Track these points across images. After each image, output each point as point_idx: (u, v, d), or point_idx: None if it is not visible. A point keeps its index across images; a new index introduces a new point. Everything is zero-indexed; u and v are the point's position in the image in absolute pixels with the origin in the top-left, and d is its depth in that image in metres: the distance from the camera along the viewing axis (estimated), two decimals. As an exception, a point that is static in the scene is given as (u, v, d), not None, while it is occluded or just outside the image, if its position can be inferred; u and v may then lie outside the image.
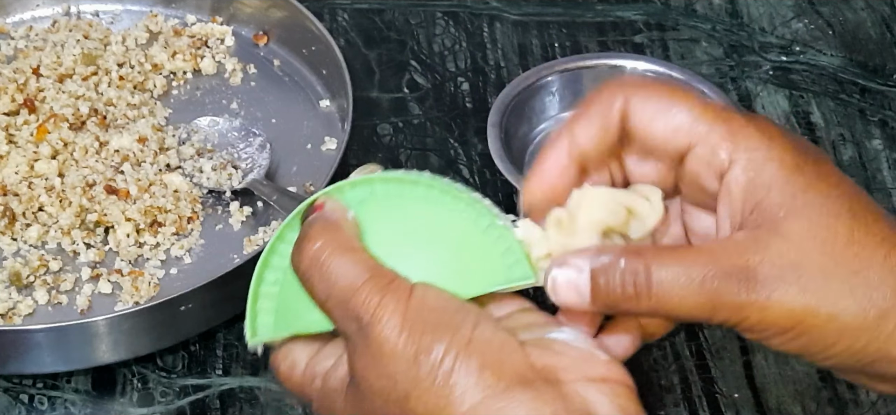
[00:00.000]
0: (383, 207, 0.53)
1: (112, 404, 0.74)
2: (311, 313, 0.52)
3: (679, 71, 0.91)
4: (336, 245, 0.51)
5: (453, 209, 0.53)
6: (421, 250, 0.53)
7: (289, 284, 0.54)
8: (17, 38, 0.95)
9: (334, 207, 0.53)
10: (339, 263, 0.50)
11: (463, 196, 0.53)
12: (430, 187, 0.53)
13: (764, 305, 0.48)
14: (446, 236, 0.53)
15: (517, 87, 0.89)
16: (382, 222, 0.53)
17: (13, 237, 0.80)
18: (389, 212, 0.53)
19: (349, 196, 0.54)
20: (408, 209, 0.53)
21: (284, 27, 0.95)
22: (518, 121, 0.89)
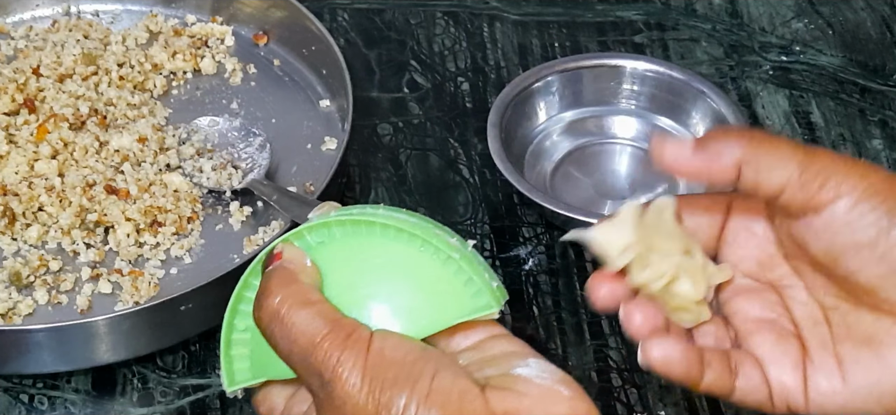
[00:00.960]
0: (342, 248, 0.54)
1: (112, 404, 0.74)
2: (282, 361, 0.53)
3: (679, 71, 0.91)
4: (294, 299, 0.52)
5: (411, 246, 0.53)
6: (382, 291, 0.53)
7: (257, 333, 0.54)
8: (17, 38, 0.95)
9: (292, 255, 0.54)
10: (298, 319, 0.51)
11: (418, 232, 0.53)
12: (386, 227, 0.53)
13: None
14: (406, 274, 0.53)
15: (517, 87, 0.89)
16: (342, 264, 0.54)
17: (13, 237, 0.80)
18: (349, 253, 0.54)
19: (307, 241, 0.54)
20: (366, 250, 0.53)
21: (284, 27, 0.95)
22: (518, 121, 0.89)
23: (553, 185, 0.88)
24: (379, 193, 0.87)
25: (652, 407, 0.74)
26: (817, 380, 0.56)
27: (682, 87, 0.90)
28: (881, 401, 0.55)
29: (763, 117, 0.94)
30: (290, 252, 0.54)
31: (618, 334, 0.78)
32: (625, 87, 0.92)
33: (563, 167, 0.89)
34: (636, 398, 0.75)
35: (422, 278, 0.53)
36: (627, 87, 0.92)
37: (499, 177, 0.87)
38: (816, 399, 0.56)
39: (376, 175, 0.88)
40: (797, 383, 0.56)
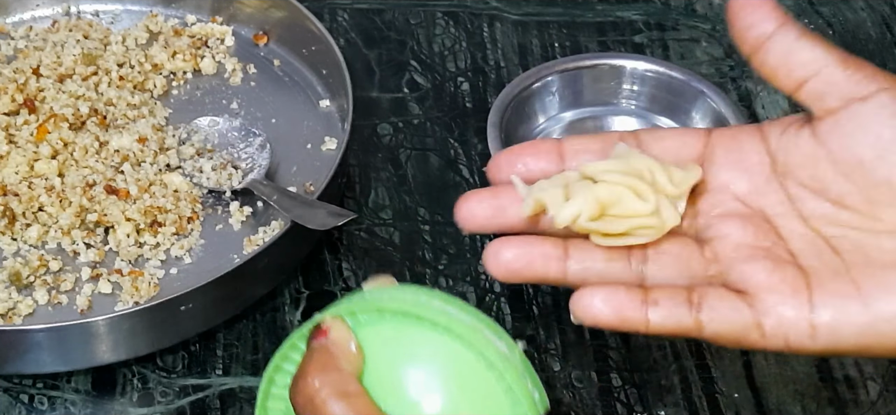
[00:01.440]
0: (389, 334, 0.53)
1: (112, 404, 0.74)
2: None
3: (679, 71, 0.91)
4: (332, 389, 0.51)
5: (458, 346, 0.52)
6: (421, 385, 0.52)
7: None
8: (17, 38, 0.95)
9: (339, 336, 0.53)
10: (332, 406, 0.50)
11: (466, 334, 0.52)
12: (435, 325, 0.52)
13: None
14: (447, 373, 0.52)
15: (517, 87, 0.89)
16: (386, 350, 0.53)
17: (13, 237, 0.80)
18: (394, 341, 0.53)
19: (358, 319, 0.53)
20: (412, 340, 0.53)
21: (284, 27, 0.95)
22: (518, 121, 0.89)
23: None
24: (379, 193, 0.87)
25: (652, 407, 0.74)
26: (827, 308, 0.50)
27: (682, 87, 0.90)
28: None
29: (763, 117, 0.94)
30: (338, 332, 0.53)
31: (618, 335, 0.78)
32: (625, 87, 0.92)
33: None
34: (636, 398, 0.75)
35: (462, 380, 0.52)
36: (627, 87, 0.92)
37: (499, 177, 0.87)
38: (828, 328, 0.50)
39: (376, 175, 0.88)
40: (801, 314, 0.51)
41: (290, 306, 0.79)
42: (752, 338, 0.51)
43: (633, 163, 0.54)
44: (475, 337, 0.52)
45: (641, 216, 0.53)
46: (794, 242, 0.53)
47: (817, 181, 0.53)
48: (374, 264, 0.82)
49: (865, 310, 0.50)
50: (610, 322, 0.51)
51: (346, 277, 0.81)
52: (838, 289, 0.51)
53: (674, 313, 0.51)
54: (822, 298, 0.51)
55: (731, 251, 0.53)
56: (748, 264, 0.52)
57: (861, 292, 0.50)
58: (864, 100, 0.51)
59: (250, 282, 0.77)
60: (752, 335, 0.51)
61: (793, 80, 0.52)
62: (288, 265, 0.80)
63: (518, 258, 0.53)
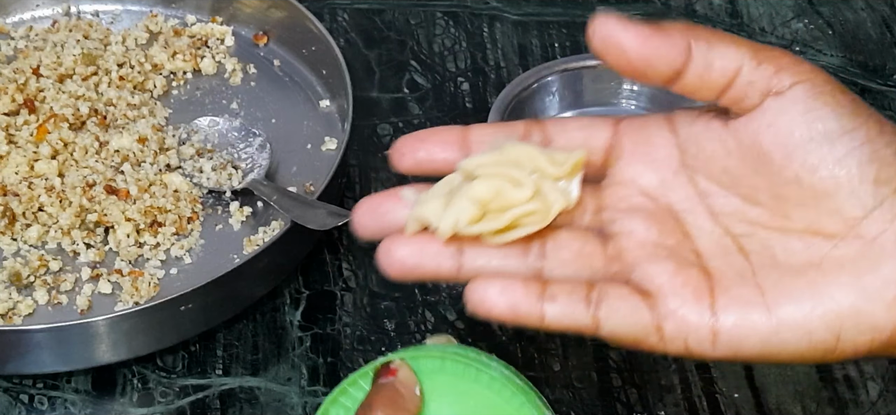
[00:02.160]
0: (450, 383, 0.56)
1: (112, 404, 0.74)
2: None
3: None
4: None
5: (511, 403, 0.55)
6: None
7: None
8: (17, 38, 0.95)
9: (405, 379, 0.55)
10: None
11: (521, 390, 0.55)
12: (493, 379, 0.55)
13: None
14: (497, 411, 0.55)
15: (517, 87, 0.89)
16: (446, 399, 0.56)
17: (13, 237, 0.80)
18: (454, 390, 0.56)
19: (422, 365, 0.56)
20: (471, 392, 0.56)
21: (284, 27, 0.95)
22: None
23: None
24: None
25: (652, 407, 0.74)
26: (730, 314, 0.49)
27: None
28: (811, 335, 0.49)
29: (763, 117, 0.94)
30: (405, 375, 0.55)
31: (618, 334, 0.78)
32: (625, 88, 0.92)
33: None
34: (636, 398, 0.75)
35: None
36: (627, 88, 0.92)
37: (499, 177, 0.87)
38: (729, 335, 0.49)
39: (376, 175, 0.88)
40: (702, 319, 0.49)
41: (290, 306, 0.79)
42: (651, 341, 0.49)
43: (509, 152, 0.52)
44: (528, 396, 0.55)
45: (521, 203, 0.51)
46: (701, 241, 0.51)
47: (728, 175, 0.51)
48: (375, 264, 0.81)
49: (769, 317, 0.49)
50: (504, 315, 0.49)
51: (346, 278, 0.81)
52: (743, 294, 0.49)
53: (571, 309, 0.49)
54: (726, 303, 0.49)
55: (635, 248, 0.51)
56: (651, 264, 0.50)
57: (766, 298, 0.49)
58: (778, 95, 0.49)
59: (250, 282, 0.77)
60: (652, 338, 0.49)
61: (714, 91, 0.50)
62: (288, 265, 0.80)
63: (411, 255, 0.52)
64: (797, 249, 0.50)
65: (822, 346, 0.49)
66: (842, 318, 0.48)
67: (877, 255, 0.48)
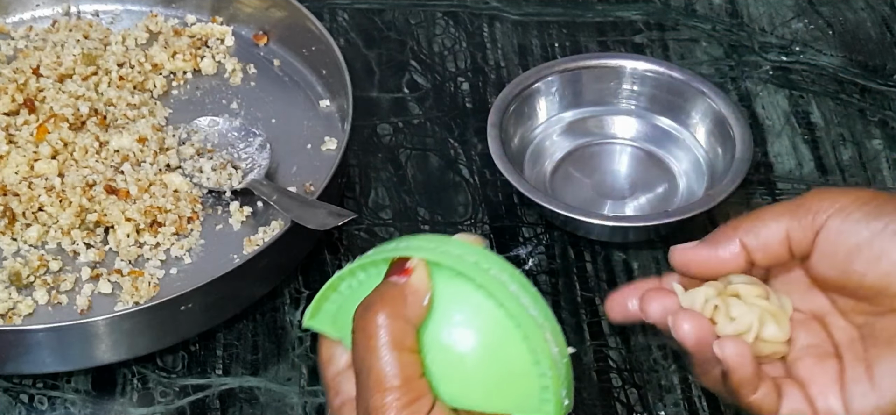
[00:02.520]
0: (462, 296, 0.55)
1: (112, 404, 0.74)
2: None
3: (679, 71, 0.91)
4: (391, 336, 0.53)
5: (519, 329, 0.54)
6: (475, 348, 0.54)
7: (353, 300, 0.55)
8: (17, 38, 0.95)
9: (418, 286, 0.54)
10: (383, 354, 0.52)
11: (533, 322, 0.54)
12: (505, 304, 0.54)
13: None
14: (502, 348, 0.54)
15: (517, 88, 0.89)
16: (454, 309, 0.54)
17: (13, 237, 0.80)
18: (465, 303, 0.55)
19: (441, 271, 0.55)
20: (482, 310, 0.54)
21: (284, 27, 0.95)
22: (518, 121, 0.89)
23: (553, 185, 0.88)
24: (379, 193, 0.87)
25: (652, 407, 0.74)
26: (852, 391, 0.60)
27: (681, 88, 0.90)
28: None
29: (763, 117, 0.94)
30: (418, 280, 0.55)
31: (618, 334, 0.78)
32: (625, 88, 0.92)
33: (563, 167, 0.89)
34: (636, 398, 0.75)
35: (512, 360, 0.54)
36: (627, 88, 0.92)
37: (499, 177, 0.87)
38: (854, 409, 0.60)
39: (376, 175, 0.88)
40: (837, 399, 0.60)
41: (290, 306, 0.79)
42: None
43: (762, 286, 0.62)
44: (532, 330, 0.54)
45: (779, 343, 0.62)
46: (837, 335, 0.62)
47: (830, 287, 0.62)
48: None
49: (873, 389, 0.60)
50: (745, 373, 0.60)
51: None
52: (858, 374, 0.60)
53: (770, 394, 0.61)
54: (849, 384, 0.60)
55: (791, 352, 0.63)
56: (803, 361, 0.62)
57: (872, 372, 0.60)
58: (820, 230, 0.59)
59: (250, 282, 0.77)
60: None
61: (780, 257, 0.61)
62: (288, 265, 0.80)
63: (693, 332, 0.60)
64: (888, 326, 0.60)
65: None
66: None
67: None
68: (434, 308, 0.54)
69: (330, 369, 0.58)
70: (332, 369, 0.58)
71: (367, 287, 0.55)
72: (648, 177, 0.88)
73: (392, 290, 0.54)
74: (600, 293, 0.81)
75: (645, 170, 0.89)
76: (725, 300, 0.61)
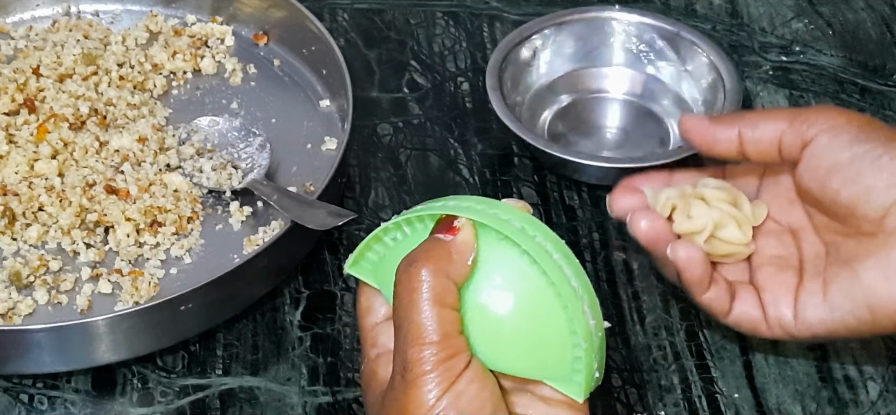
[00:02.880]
0: (506, 259, 0.55)
1: (112, 404, 0.74)
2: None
3: (671, 23, 0.93)
4: (433, 291, 0.53)
5: (559, 298, 0.55)
6: (514, 312, 0.55)
7: (397, 253, 0.56)
8: (17, 38, 0.95)
9: (464, 245, 0.55)
10: (423, 309, 0.53)
11: (573, 292, 0.55)
12: (547, 271, 0.54)
13: None
14: (540, 315, 0.55)
15: (512, 43, 0.91)
16: (497, 272, 0.55)
17: (13, 237, 0.80)
18: (508, 266, 0.55)
19: (487, 233, 0.55)
20: (524, 275, 0.55)
21: (284, 27, 0.95)
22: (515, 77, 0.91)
23: (550, 134, 0.90)
24: (379, 193, 0.87)
25: (652, 407, 0.74)
26: (805, 302, 0.66)
27: (673, 39, 0.92)
28: (855, 313, 0.64)
29: (763, 117, 0.94)
30: (464, 239, 0.55)
31: (618, 335, 0.78)
32: (617, 41, 0.93)
33: (559, 117, 0.92)
34: (636, 398, 0.75)
35: (544, 327, 0.55)
36: (622, 40, 0.93)
37: (498, 177, 0.87)
38: (804, 320, 0.66)
39: (376, 175, 0.88)
40: (789, 309, 0.66)
41: (290, 306, 0.79)
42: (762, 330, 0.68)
43: (731, 192, 0.68)
44: (572, 300, 0.55)
45: (739, 245, 0.68)
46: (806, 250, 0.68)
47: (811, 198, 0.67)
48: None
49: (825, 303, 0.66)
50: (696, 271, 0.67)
51: (346, 277, 0.81)
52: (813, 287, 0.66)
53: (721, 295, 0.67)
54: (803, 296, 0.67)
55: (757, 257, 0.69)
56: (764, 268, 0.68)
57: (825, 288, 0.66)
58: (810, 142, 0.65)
59: (250, 282, 0.77)
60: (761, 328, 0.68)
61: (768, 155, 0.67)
62: (288, 265, 0.80)
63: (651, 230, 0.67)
64: (850, 246, 0.65)
65: (865, 324, 0.64)
66: (872, 297, 0.63)
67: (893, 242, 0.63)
68: (477, 269, 0.55)
69: (368, 318, 0.59)
70: (370, 319, 0.59)
71: (412, 241, 0.56)
72: (643, 129, 0.91)
73: (438, 247, 0.54)
74: (600, 293, 0.81)
75: (638, 122, 0.92)
76: (688, 201, 0.65)
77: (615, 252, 0.83)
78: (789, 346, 0.77)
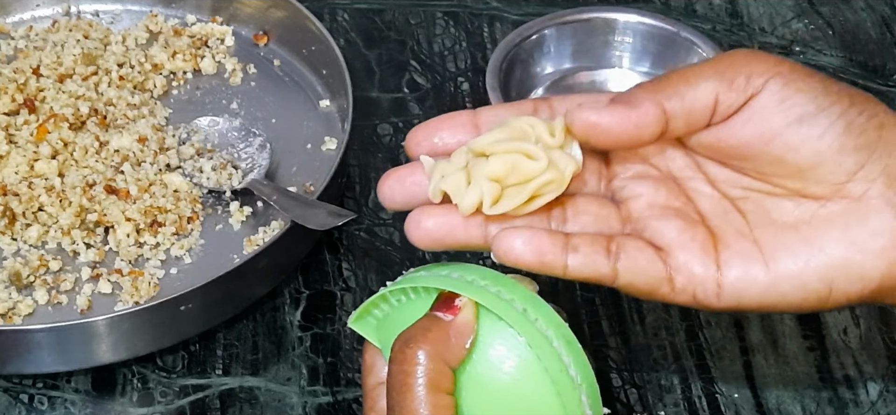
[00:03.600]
0: (504, 341, 0.54)
1: (112, 404, 0.74)
2: None
3: (670, 23, 0.93)
4: (429, 376, 0.51)
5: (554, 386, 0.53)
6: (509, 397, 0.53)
7: (399, 315, 0.55)
8: (17, 38, 0.95)
9: (463, 324, 0.53)
10: (418, 394, 0.51)
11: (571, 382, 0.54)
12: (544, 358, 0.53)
13: None
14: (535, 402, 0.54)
15: (513, 42, 0.91)
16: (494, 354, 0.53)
17: (13, 237, 0.80)
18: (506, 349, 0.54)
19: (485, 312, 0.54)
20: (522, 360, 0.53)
21: (284, 27, 0.95)
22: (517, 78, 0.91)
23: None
24: (379, 193, 0.87)
25: (652, 407, 0.74)
26: (732, 268, 0.54)
27: (672, 38, 0.92)
28: (806, 286, 0.54)
29: (763, 117, 0.94)
30: (464, 320, 0.53)
31: (618, 335, 0.78)
32: (617, 40, 0.93)
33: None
34: (636, 398, 0.75)
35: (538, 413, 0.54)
36: (619, 40, 0.93)
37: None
38: (733, 288, 0.54)
39: (376, 175, 0.88)
40: (708, 272, 0.54)
41: (290, 306, 0.79)
42: (663, 291, 0.55)
43: (514, 126, 0.55)
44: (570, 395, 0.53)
45: (539, 174, 0.54)
46: (702, 203, 0.57)
47: (718, 153, 0.56)
48: (375, 264, 0.82)
49: (767, 270, 0.54)
50: (530, 263, 0.53)
51: (346, 278, 0.81)
52: (743, 249, 0.54)
53: (592, 259, 0.54)
54: (728, 257, 0.54)
55: (646, 209, 0.56)
56: (661, 222, 0.55)
57: (763, 253, 0.54)
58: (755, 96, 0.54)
59: (250, 282, 0.77)
60: (663, 288, 0.54)
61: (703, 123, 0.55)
62: (288, 265, 0.80)
63: (439, 227, 0.55)
64: (788, 209, 0.55)
65: (815, 295, 0.54)
66: (834, 269, 0.54)
67: (863, 210, 0.54)
68: (475, 347, 0.53)
69: (370, 378, 0.57)
70: (371, 379, 0.57)
71: (415, 307, 0.55)
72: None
73: (436, 327, 0.52)
74: (600, 292, 0.81)
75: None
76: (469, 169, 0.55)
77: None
78: (789, 346, 0.77)
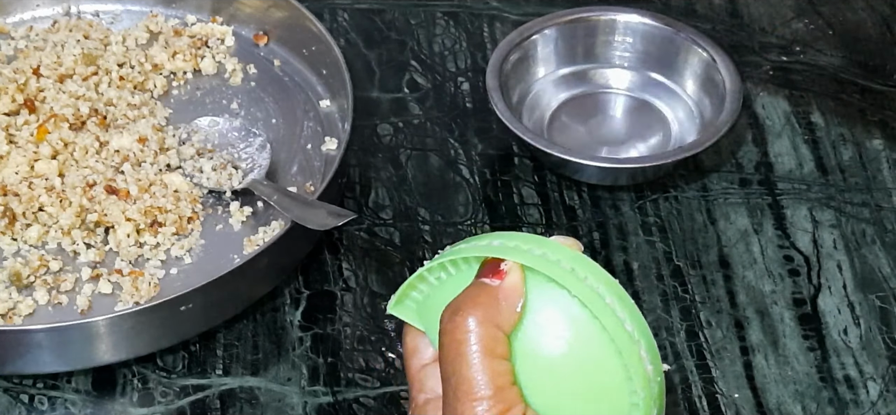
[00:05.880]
0: (556, 304, 0.52)
1: (112, 404, 0.74)
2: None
3: (670, 23, 0.93)
4: (482, 342, 0.50)
5: (613, 343, 0.52)
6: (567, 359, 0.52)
7: (442, 293, 0.54)
8: (17, 38, 0.95)
9: (511, 290, 0.52)
10: (473, 361, 0.50)
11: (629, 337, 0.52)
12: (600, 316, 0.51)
13: None
14: (594, 362, 0.52)
15: (512, 42, 0.91)
16: (547, 317, 0.52)
17: (13, 237, 0.80)
18: (559, 311, 0.52)
19: (535, 274, 0.52)
20: (577, 320, 0.52)
21: (284, 27, 0.95)
22: (515, 75, 0.91)
23: (550, 134, 0.91)
24: (379, 193, 0.87)
25: (652, 407, 0.74)
26: None
27: (673, 38, 0.93)
28: None
29: (763, 118, 0.94)
30: (512, 283, 0.52)
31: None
32: (618, 40, 0.94)
33: (559, 117, 0.92)
34: (636, 398, 0.75)
35: (599, 374, 0.52)
36: (620, 40, 0.93)
37: (498, 177, 0.87)
38: None
39: (376, 175, 0.88)
40: None
41: (290, 306, 0.79)
42: None
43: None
44: (630, 350, 0.52)
45: None
46: None
47: None
48: (375, 264, 0.82)
49: None
50: None
51: (346, 278, 0.81)
52: None
53: None
54: None
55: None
56: None
57: None
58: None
59: (250, 282, 0.77)
60: None
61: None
62: (288, 265, 0.80)
63: None
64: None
65: None
66: None
67: None
68: (526, 313, 0.52)
69: (414, 361, 0.56)
70: (416, 362, 0.56)
71: (457, 281, 0.53)
72: (642, 126, 0.92)
73: (484, 293, 0.51)
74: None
75: (639, 123, 0.92)
76: None
77: (615, 252, 0.83)
78: (789, 346, 0.77)
